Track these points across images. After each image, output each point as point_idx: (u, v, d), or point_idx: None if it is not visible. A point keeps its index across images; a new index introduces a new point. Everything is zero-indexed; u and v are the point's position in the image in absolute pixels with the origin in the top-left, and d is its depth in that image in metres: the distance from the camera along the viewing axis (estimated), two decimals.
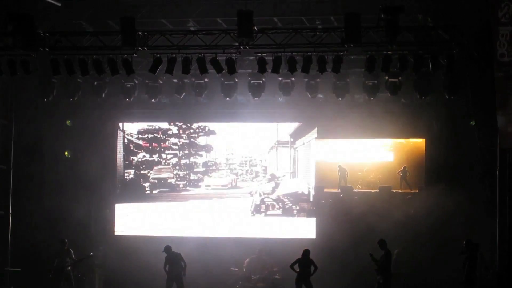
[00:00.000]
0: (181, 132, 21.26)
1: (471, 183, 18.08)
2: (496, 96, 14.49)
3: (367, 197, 20.19)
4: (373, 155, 20.61)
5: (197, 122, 20.90)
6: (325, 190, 20.60)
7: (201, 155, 21.23)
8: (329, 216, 20.00)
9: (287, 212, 20.51)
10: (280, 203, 20.64)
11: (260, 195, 20.82)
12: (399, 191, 20.27)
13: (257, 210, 20.70)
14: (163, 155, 21.29)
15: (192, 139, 21.22)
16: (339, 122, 19.63)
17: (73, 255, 18.01)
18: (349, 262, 18.69)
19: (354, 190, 20.49)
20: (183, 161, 21.25)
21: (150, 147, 21.36)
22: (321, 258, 17.52)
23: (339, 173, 20.65)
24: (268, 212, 20.64)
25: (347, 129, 19.75)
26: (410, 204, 19.40)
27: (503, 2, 13.92)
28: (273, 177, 20.94)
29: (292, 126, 20.86)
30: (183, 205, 20.88)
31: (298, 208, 20.51)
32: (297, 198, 20.60)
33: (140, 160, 21.22)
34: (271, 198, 20.75)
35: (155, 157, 21.27)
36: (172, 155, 21.31)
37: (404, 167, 20.17)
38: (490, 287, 16.65)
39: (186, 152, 21.22)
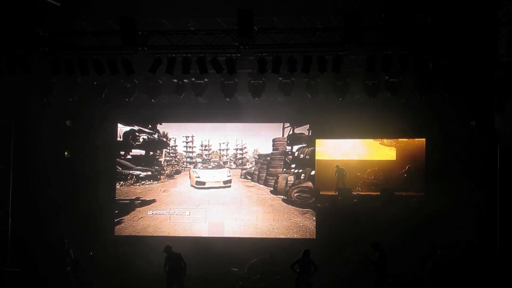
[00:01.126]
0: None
1: (471, 183, 18.07)
2: (495, 96, 14.49)
3: (367, 201, 19.82)
4: (374, 153, 20.19)
5: (196, 122, 20.88)
6: (321, 192, 20.28)
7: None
8: (329, 216, 19.96)
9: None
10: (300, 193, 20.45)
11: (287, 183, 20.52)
12: (403, 194, 19.79)
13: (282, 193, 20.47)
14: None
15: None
16: (338, 122, 19.61)
17: (72, 255, 18.03)
18: (349, 262, 18.67)
19: (353, 193, 20.11)
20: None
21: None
22: (321, 258, 17.53)
23: (337, 174, 20.25)
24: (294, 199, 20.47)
25: (346, 129, 19.74)
26: (414, 208, 19.24)
27: (503, 1, 13.90)
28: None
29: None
30: (185, 204, 20.87)
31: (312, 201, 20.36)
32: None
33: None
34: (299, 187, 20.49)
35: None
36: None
37: (409, 167, 19.87)
38: (491, 287, 16.66)
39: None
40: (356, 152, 20.30)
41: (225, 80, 17.12)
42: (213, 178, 21.04)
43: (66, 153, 20.58)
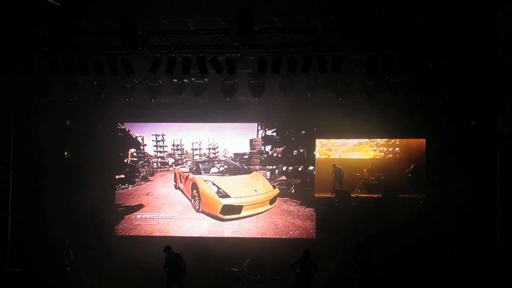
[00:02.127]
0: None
1: (471, 183, 18.06)
2: (495, 97, 14.49)
3: (367, 203, 19.35)
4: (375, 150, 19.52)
5: (197, 122, 20.86)
6: (316, 195, 19.79)
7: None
8: (329, 216, 19.91)
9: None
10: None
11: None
12: (407, 196, 19.11)
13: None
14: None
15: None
16: (338, 122, 19.58)
17: (72, 256, 18.04)
18: (349, 262, 18.63)
19: (352, 195, 19.56)
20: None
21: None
22: (321, 259, 17.51)
23: (333, 174, 19.71)
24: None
25: (346, 129, 19.72)
26: (418, 210, 18.97)
27: (502, 2, 13.91)
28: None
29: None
30: (184, 204, 20.84)
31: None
32: None
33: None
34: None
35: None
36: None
37: (414, 166, 19.41)
38: (492, 287, 16.67)
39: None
40: (354, 149, 19.58)
41: (225, 80, 17.12)
42: (253, 195, 18.67)
43: (66, 153, 20.57)
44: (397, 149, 19.71)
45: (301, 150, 20.24)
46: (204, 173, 19.65)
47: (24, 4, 16.05)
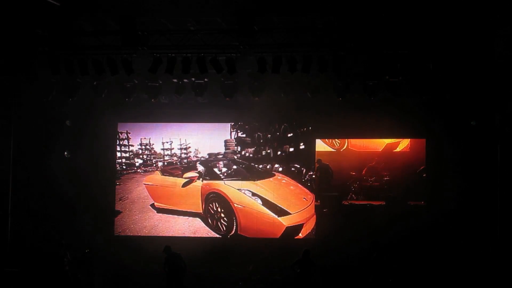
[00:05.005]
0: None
1: (471, 183, 18.06)
2: (494, 97, 14.53)
3: (365, 213, 17.61)
4: (377, 142, 18.10)
5: (196, 122, 20.86)
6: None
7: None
8: (329, 216, 19.88)
9: None
10: None
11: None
12: (422, 203, 16.82)
13: None
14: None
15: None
16: (338, 122, 19.58)
17: (69, 256, 18.07)
18: (349, 262, 18.66)
19: (344, 202, 17.50)
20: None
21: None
22: (321, 259, 17.51)
23: (318, 173, 17.89)
24: None
25: (346, 129, 19.71)
26: (421, 213, 18.61)
27: (503, 2, 13.94)
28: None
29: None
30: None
31: None
32: None
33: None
34: None
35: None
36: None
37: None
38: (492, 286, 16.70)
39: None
40: (351, 142, 17.82)
41: (225, 80, 17.12)
42: (307, 206, 16.87)
43: (66, 153, 20.56)
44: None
45: (302, 147, 19.89)
46: (225, 178, 18.84)
47: (24, 4, 16.06)
